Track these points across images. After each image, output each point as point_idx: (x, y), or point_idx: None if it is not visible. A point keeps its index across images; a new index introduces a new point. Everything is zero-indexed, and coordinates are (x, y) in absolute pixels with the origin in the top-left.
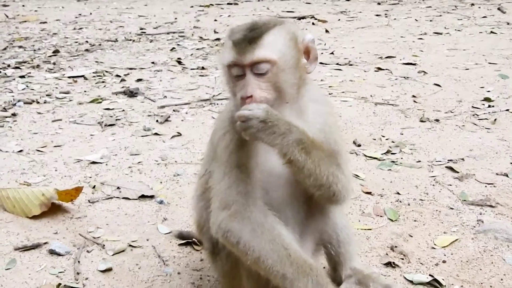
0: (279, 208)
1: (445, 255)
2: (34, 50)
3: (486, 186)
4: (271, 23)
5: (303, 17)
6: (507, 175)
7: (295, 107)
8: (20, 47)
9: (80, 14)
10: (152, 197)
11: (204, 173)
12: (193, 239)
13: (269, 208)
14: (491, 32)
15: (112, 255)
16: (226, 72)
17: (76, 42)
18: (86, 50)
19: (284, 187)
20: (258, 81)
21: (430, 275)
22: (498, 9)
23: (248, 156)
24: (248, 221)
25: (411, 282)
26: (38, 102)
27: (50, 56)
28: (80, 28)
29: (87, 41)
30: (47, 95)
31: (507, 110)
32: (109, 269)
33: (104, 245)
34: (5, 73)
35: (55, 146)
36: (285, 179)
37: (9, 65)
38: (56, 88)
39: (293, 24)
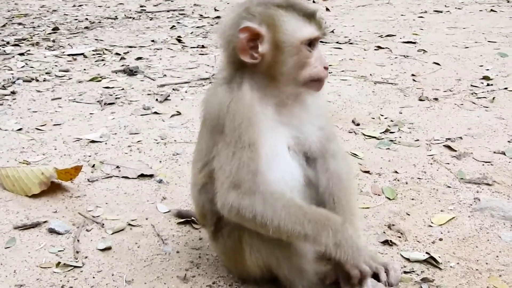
0: (279, 185)
1: (441, 233)
2: (34, 27)
3: (483, 165)
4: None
5: None
6: (504, 153)
7: None
8: (19, 24)
9: None
10: (151, 176)
11: (204, 165)
12: (192, 218)
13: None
14: (491, 10)
15: (112, 234)
16: (297, 48)
17: (76, 19)
18: (86, 27)
19: (284, 166)
20: None
21: (426, 252)
22: None
23: (258, 136)
24: (259, 194)
25: (408, 259)
26: (37, 80)
27: (49, 33)
28: (80, 5)
29: (86, 19)
30: (46, 73)
31: (506, 88)
32: (108, 248)
33: (103, 224)
34: (4, 51)
35: (54, 125)
36: (285, 160)
37: (8, 42)
38: (56, 66)
39: None
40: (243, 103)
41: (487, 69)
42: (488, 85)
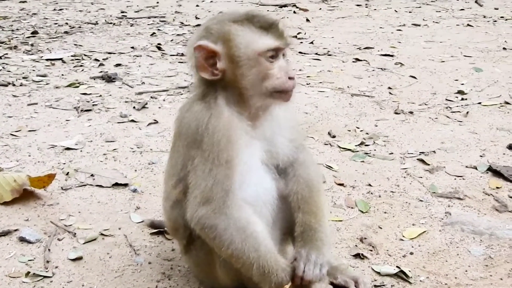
0: (253, 199)
1: (412, 246)
2: (12, 31)
3: (455, 179)
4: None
5: (285, 5)
6: (476, 168)
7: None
8: None
9: None
10: (126, 185)
11: (178, 180)
12: (165, 229)
13: (245, 200)
14: (468, 25)
15: (83, 243)
16: (255, 59)
17: (56, 23)
18: (66, 32)
19: (258, 179)
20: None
21: (397, 266)
22: (476, 2)
23: (236, 153)
24: (225, 218)
25: (379, 273)
26: (14, 85)
27: (28, 37)
28: (61, 9)
29: (66, 23)
30: (23, 78)
31: (479, 103)
32: (80, 258)
33: (75, 233)
34: None
35: (29, 131)
36: (259, 174)
37: None
38: (33, 70)
39: None
40: (222, 120)
41: (462, 84)
42: (462, 99)
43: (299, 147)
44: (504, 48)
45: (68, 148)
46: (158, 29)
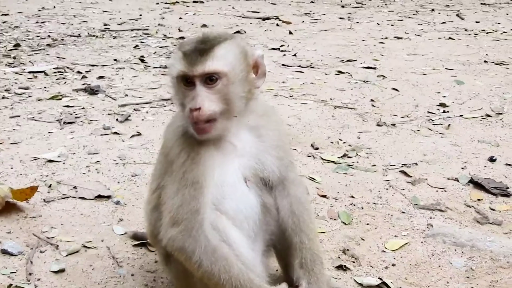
0: (234, 214)
1: (394, 258)
2: None
3: (437, 191)
4: (221, 36)
5: (268, 18)
6: (457, 180)
7: (247, 123)
8: None
9: (43, 8)
10: (108, 197)
11: (157, 187)
12: (148, 240)
13: (225, 214)
14: (449, 38)
15: (66, 255)
16: (175, 83)
17: (38, 36)
18: (48, 45)
19: (239, 195)
20: (207, 93)
21: (379, 278)
22: (457, 15)
23: (203, 174)
24: (193, 240)
25: (361, 285)
26: None
27: (10, 49)
28: (43, 22)
29: (49, 36)
30: (5, 90)
31: (461, 115)
32: (62, 270)
33: (58, 246)
34: None
35: (11, 143)
36: (240, 190)
37: None
38: (16, 83)
39: (243, 39)
40: (190, 141)
41: (444, 96)
42: (444, 112)
43: (288, 165)
44: (485, 61)
45: (50, 161)
46: (141, 42)
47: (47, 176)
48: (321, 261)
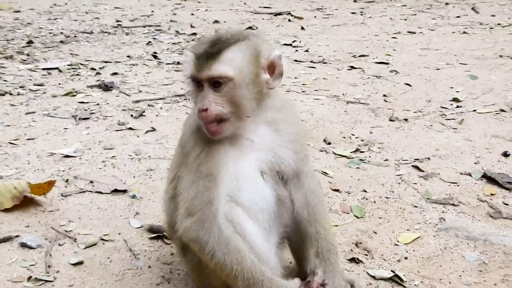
0: (250, 206)
1: (407, 251)
2: (7, 40)
3: (449, 185)
4: (234, 37)
5: (280, 13)
6: (470, 175)
7: (265, 119)
8: None
9: (55, 4)
10: (124, 191)
11: (174, 177)
12: (164, 233)
13: (241, 206)
14: (464, 32)
15: (84, 248)
16: (189, 83)
17: (51, 33)
18: (61, 41)
19: (255, 187)
20: (214, 95)
21: (392, 271)
22: (472, 9)
23: (217, 167)
24: (208, 231)
25: (374, 277)
26: (11, 94)
27: (23, 46)
28: (55, 19)
29: (62, 32)
30: (20, 87)
31: (474, 110)
32: (80, 263)
33: (76, 239)
34: None
35: (28, 139)
36: (256, 183)
37: None
38: (30, 80)
39: (260, 38)
40: (203, 137)
41: (457, 91)
42: (457, 107)
43: (303, 159)
44: (500, 56)
45: (67, 156)
46: (154, 38)
47: (63, 171)
48: (336, 251)
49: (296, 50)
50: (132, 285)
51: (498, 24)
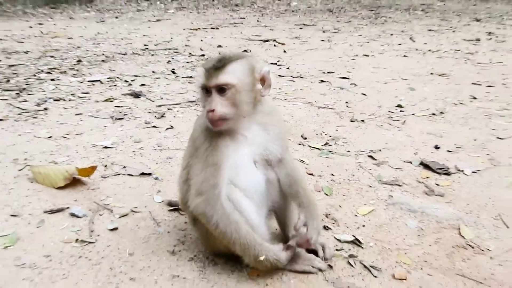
0: (246, 187)
1: (364, 221)
2: (62, 59)
3: (396, 170)
4: (235, 56)
5: (267, 40)
6: (411, 163)
7: (256, 120)
8: (51, 56)
9: (98, 33)
10: (149, 174)
11: (186, 165)
12: (179, 207)
13: (239, 187)
14: (404, 55)
15: (118, 218)
16: (199, 91)
17: (95, 54)
18: (103, 60)
19: (250, 173)
20: (220, 99)
21: (353, 235)
22: (410, 38)
23: (220, 158)
24: (213, 208)
25: (339, 240)
26: (64, 100)
27: (74, 64)
28: (98, 43)
29: (103, 54)
30: (71, 95)
31: (413, 114)
32: (116, 228)
33: (112, 210)
34: (39, 77)
35: (76, 134)
36: (251, 170)
37: (42, 71)
38: (79, 89)
39: (255, 58)
40: (213, 133)
41: (400, 99)
42: (401, 111)
43: (285, 149)
44: (431, 73)
45: (106, 147)
46: (172, 58)
47: (103, 158)
48: (314, 203)
49: (280, 68)
50: (155, 246)
51: (429, 50)
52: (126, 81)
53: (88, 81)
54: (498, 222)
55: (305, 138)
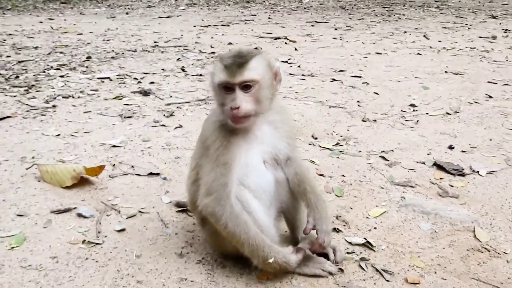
0: (255, 188)
1: (376, 223)
2: (72, 56)
3: (408, 171)
4: (253, 52)
5: (278, 38)
6: (424, 163)
7: (267, 118)
8: (61, 52)
9: (108, 29)
10: (158, 174)
11: (195, 166)
12: (187, 208)
13: (248, 188)
14: (418, 53)
15: (126, 218)
16: (216, 89)
17: (105, 50)
18: (112, 57)
19: (259, 173)
20: (244, 95)
21: (364, 238)
22: (424, 36)
23: (231, 158)
24: (223, 208)
25: (350, 243)
26: (73, 97)
27: (84, 61)
28: (108, 40)
29: (113, 50)
30: (80, 92)
31: (427, 113)
32: (123, 230)
33: (120, 211)
34: (49, 73)
35: (85, 132)
36: (260, 169)
37: (51, 67)
38: (88, 86)
39: (267, 53)
40: (223, 133)
41: (414, 99)
42: (414, 110)
43: (293, 148)
44: (445, 72)
45: (114, 146)
46: (182, 55)
47: (111, 157)
48: (323, 201)
49: (291, 66)
50: (162, 248)
51: (444, 47)
52: (135, 78)
53: (98, 78)
54: None
55: (316, 138)
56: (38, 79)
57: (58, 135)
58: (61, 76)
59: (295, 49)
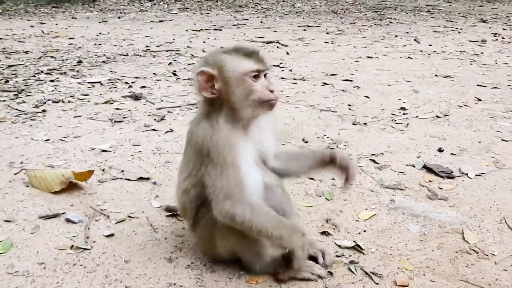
0: (250, 185)
1: (365, 226)
2: (63, 60)
3: (398, 174)
4: (252, 47)
5: (270, 42)
6: (414, 166)
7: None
8: (51, 57)
9: (100, 33)
10: (148, 179)
11: (188, 175)
12: (177, 212)
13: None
14: (409, 57)
15: (115, 223)
16: (239, 79)
17: (96, 55)
18: (103, 61)
19: (251, 173)
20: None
21: (354, 241)
22: (415, 40)
23: (237, 156)
24: (247, 205)
25: (340, 246)
26: (63, 102)
27: (74, 65)
28: (100, 44)
29: (104, 55)
30: (70, 96)
31: (417, 116)
32: (112, 235)
33: (109, 216)
34: (39, 77)
35: (75, 137)
36: (252, 168)
37: (42, 71)
38: (78, 91)
39: None
40: (223, 133)
41: (404, 102)
42: (404, 114)
43: (278, 144)
44: (436, 75)
45: (104, 150)
46: (174, 60)
47: (101, 162)
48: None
49: (282, 70)
50: (152, 253)
51: (434, 51)
52: (126, 83)
53: (88, 82)
54: (503, 226)
55: (307, 142)
56: (28, 84)
57: (48, 140)
58: (51, 81)
59: (287, 53)
